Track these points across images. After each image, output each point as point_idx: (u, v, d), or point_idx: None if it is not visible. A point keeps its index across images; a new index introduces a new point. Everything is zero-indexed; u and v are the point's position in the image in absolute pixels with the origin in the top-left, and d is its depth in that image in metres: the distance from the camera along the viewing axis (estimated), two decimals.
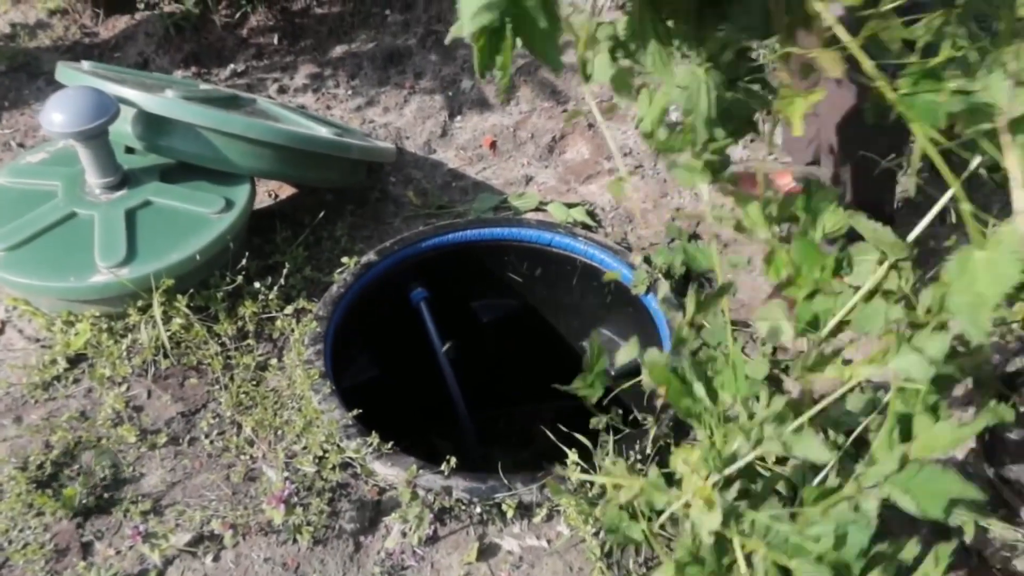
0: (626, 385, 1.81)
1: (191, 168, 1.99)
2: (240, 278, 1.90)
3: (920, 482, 0.96)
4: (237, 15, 3.00)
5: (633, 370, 1.86)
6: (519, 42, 0.75)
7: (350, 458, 1.63)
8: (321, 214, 2.20)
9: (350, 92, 2.83)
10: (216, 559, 1.52)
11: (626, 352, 1.75)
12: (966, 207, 0.82)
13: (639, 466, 1.59)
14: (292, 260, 2.06)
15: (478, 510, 1.57)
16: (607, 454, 1.60)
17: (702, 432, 1.56)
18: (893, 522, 1.32)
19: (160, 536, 1.52)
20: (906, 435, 1.03)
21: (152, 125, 1.92)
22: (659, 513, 1.36)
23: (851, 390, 1.34)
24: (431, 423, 2.27)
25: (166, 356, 1.83)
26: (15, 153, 2.50)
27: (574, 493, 1.56)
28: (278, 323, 1.90)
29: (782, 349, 1.93)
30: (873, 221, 1.07)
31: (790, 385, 1.86)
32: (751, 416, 1.14)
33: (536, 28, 0.74)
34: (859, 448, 1.21)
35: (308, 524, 1.53)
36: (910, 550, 0.98)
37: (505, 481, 1.57)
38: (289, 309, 1.93)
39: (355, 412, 1.66)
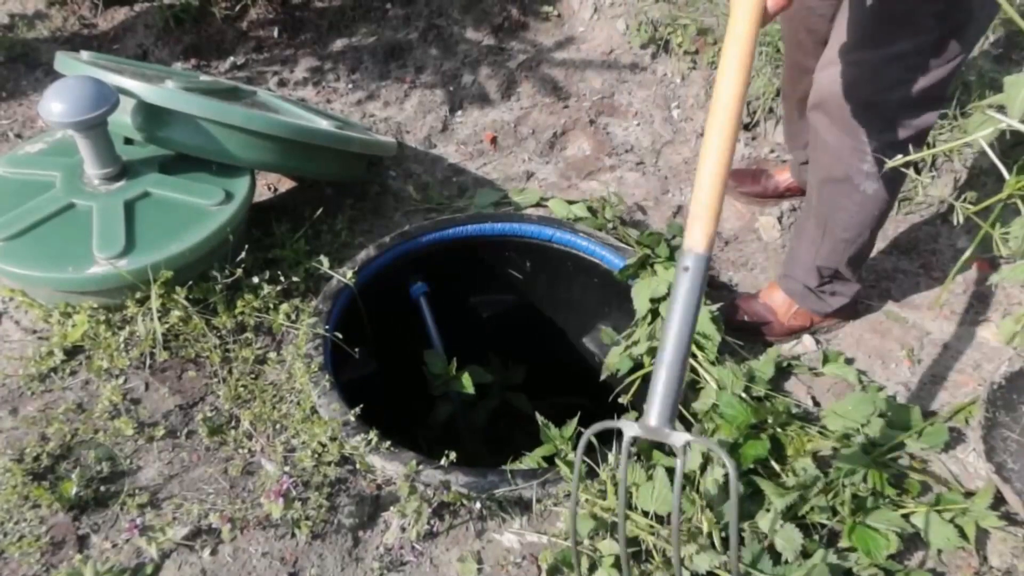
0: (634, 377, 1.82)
1: (191, 160, 1.98)
2: (239, 271, 1.88)
3: None
4: (237, 8, 2.98)
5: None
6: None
7: (349, 453, 1.62)
8: (321, 208, 2.18)
9: (350, 86, 2.82)
10: (214, 553, 1.50)
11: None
12: None
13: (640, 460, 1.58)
14: (292, 253, 2.05)
15: (477, 505, 1.56)
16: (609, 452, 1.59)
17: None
18: None
19: (157, 529, 1.51)
20: None
21: (152, 116, 1.90)
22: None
23: None
24: (422, 416, 2.27)
25: (164, 348, 1.82)
26: (13, 144, 2.49)
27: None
28: (277, 316, 1.89)
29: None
30: None
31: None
32: None
33: None
34: None
35: (307, 518, 1.52)
36: None
37: (508, 476, 1.56)
38: (288, 302, 1.92)
39: (356, 410, 1.65)
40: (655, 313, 1.84)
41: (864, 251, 1.83)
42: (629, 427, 1.08)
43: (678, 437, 1.06)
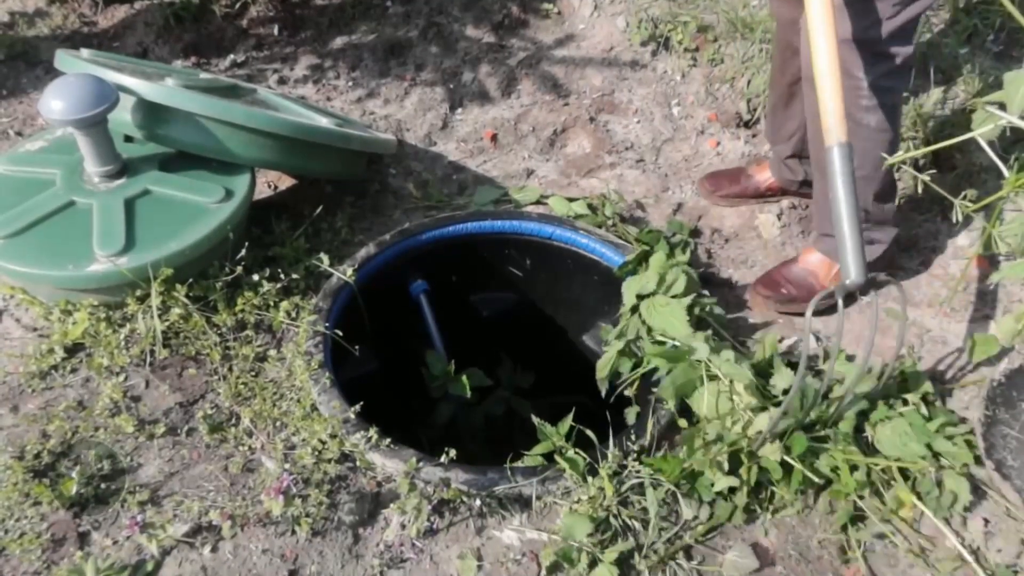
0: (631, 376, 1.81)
1: (191, 157, 1.98)
2: (239, 268, 1.89)
3: None
4: (237, 5, 2.98)
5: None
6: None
7: (349, 450, 1.63)
8: (321, 206, 2.18)
9: (350, 83, 2.82)
10: (214, 550, 1.51)
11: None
12: None
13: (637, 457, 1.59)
14: (292, 251, 2.05)
15: (477, 502, 1.56)
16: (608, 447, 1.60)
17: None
18: None
19: (158, 527, 1.51)
20: None
21: (152, 114, 1.90)
22: None
23: None
24: (423, 415, 2.27)
25: (165, 346, 1.82)
26: (13, 141, 2.49)
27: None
28: (277, 314, 1.89)
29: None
30: None
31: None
32: None
33: None
34: None
35: (307, 515, 1.52)
36: None
37: (507, 473, 1.57)
38: (288, 300, 1.92)
39: (356, 407, 1.65)
40: (635, 308, 1.85)
41: (887, 188, 1.90)
42: (841, 289, 1.44)
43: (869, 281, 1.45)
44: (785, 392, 1.64)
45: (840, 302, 1.43)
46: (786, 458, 1.55)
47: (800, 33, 1.87)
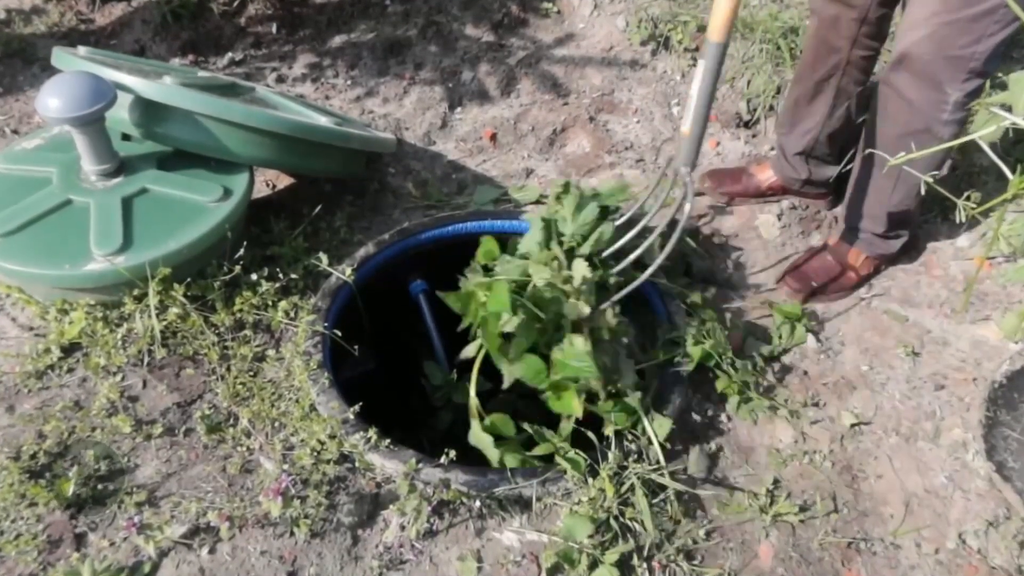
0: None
1: (189, 156, 1.97)
2: (238, 268, 1.87)
3: None
4: (235, 3, 2.97)
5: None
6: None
7: (348, 451, 1.62)
8: (320, 205, 2.17)
9: (349, 82, 2.81)
10: (212, 551, 1.50)
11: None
12: None
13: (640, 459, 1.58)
14: (290, 250, 2.04)
15: (477, 504, 1.55)
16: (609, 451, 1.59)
17: None
18: None
19: (155, 528, 1.50)
20: None
21: (150, 112, 1.89)
22: None
23: None
24: (423, 416, 2.26)
25: (162, 346, 1.81)
26: (9, 140, 2.47)
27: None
28: (276, 314, 1.88)
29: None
30: None
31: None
32: None
33: None
34: None
35: (306, 517, 1.51)
36: None
37: (507, 474, 1.56)
38: (287, 300, 1.91)
39: (355, 408, 1.64)
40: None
41: (919, 191, 1.91)
42: (672, 169, 1.75)
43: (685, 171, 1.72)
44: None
45: (689, 181, 1.70)
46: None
47: (841, 32, 1.87)
